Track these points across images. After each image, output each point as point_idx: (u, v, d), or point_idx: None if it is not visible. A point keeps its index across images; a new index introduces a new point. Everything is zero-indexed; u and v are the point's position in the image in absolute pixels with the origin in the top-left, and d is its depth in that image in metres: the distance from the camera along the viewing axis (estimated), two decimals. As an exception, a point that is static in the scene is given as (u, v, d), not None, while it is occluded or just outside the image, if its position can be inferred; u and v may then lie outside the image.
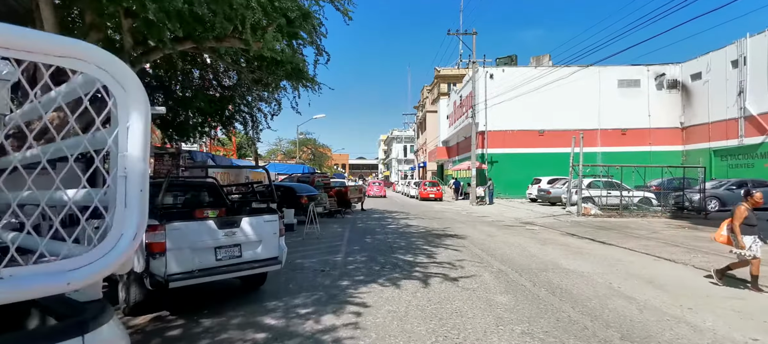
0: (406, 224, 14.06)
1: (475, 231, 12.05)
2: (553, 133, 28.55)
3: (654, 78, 27.63)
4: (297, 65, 10.85)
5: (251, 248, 4.97)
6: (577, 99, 27.90)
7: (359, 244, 9.67)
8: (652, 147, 26.92)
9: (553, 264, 7.49)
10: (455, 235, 11.12)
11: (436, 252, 8.62)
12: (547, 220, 15.23)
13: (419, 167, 57.78)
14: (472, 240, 10.25)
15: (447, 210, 20.91)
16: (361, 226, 13.52)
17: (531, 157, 28.47)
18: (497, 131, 28.84)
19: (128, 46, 6.45)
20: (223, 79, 12.46)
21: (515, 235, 11.31)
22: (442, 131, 42.77)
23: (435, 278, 6.35)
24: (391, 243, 9.83)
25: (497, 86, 27.85)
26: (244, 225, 4.89)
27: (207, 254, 4.55)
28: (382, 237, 10.73)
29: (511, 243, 9.79)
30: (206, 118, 13.47)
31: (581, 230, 12.33)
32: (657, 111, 27.42)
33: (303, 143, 55.87)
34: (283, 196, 14.60)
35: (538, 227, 13.34)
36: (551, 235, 11.36)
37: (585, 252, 8.74)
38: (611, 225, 13.62)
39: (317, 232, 11.17)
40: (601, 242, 10.08)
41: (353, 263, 7.54)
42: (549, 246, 9.39)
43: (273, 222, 5.20)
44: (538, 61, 30.18)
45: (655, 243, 9.73)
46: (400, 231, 11.97)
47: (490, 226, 13.52)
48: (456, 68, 53.81)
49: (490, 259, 7.88)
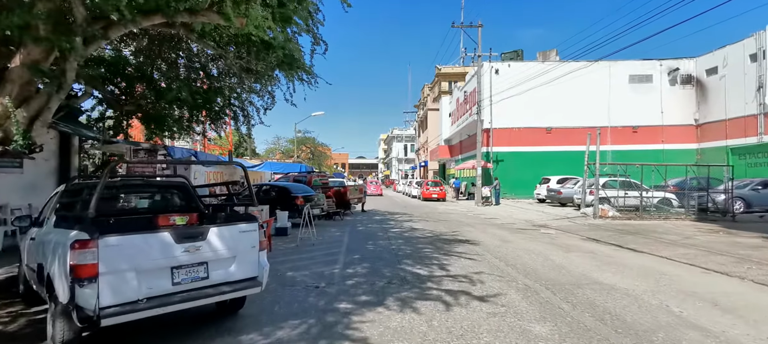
0: (411, 227, 12.96)
1: (486, 236, 10.95)
2: (561, 130, 27.47)
3: (667, 73, 26.53)
4: (291, 52, 9.75)
5: (222, 266, 3.86)
6: (586, 95, 26.82)
7: (360, 252, 8.57)
8: (665, 145, 25.82)
9: (587, 277, 6.39)
10: (467, 241, 10.02)
11: (448, 262, 7.52)
12: (562, 223, 14.13)
13: (420, 166, 56.68)
14: (486, 247, 9.15)
15: (452, 211, 19.80)
16: (362, 230, 12.42)
17: (538, 156, 27.40)
18: (503, 128, 27.74)
19: (81, 19, 5.34)
20: (211, 68, 11.35)
21: (532, 241, 10.22)
22: (445, 129, 41.67)
23: (452, 298, 5.24)
24: (396, 250, 8.72)
25: (503, 82, 26.77)
26: (212, 237, 3.78)
27: (159, 277, 3.45)
28: (386, 244, 9.63)
29: (530, 251, 8.69)
30: (192, 111, 12.38)
31: (603, 234, 11.23)
32: (670, 107, 26.32)
33: (302, 142, 54.76)
34: (276, 197, 13.51)
35: (554, 231, 12.24)
36: (572, 241, 10.27)
37: (617, 262, 7.64)
38: (634, 228, 12.51)
39: (313, 238, 10.07)
40: (630, 249, 8.98)
41: (353, 276, 6.44)
42: (574, 254, 8.30)
43: (251, 233, 4.09)
44: (544, 56, 29.06)
45: (695, 251, 8.62)
46: (405, 236, 10.86)
47: (501, 230, 12.42)
48: (457, 66, 52.75)
49: (512, 271, 6.77)
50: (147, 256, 3.35)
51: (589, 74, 26.15)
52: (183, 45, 10.52)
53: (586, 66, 25.47)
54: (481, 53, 23.78)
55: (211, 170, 20.05)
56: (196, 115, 12.44)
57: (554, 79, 25.64)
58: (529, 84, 25.86)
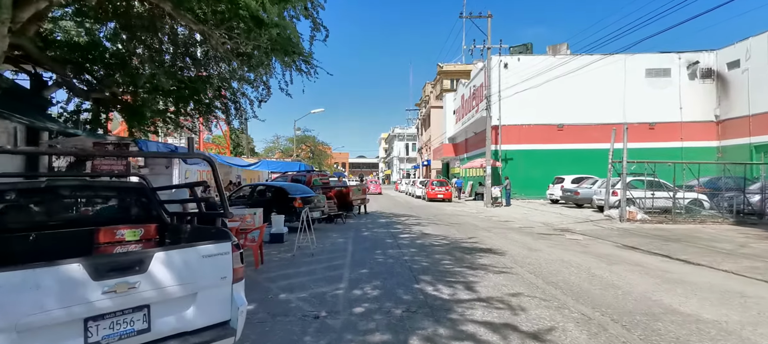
0: (421, 232, 11.66)
1: (508, 243, 9.66)
2: (573, 127, 26.17)
3: (686, 66, 25.19)
4: (287, 33, 8.46)
5: (173, 310, 2.57)
6: (600, 90, 25.51)
7: (368, 264, 7.28)
8: (684, 142, 24.50)
9: (655, 302, 5.10)
10: (489, 250, 8.72)
11: (475, 279, 6.23)
12: (586, 227, 12.84)
13: (423, 165, 55.37)
14: (514, 258, 7.85)
15: (461, 212, 18.51)
16: (367, 235, 11.13)
17: (549, 154, 26.11)
18: (512, 125, 26.42)
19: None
20: (196, 52, 10.07)
21: (562, 249, 8.93)
22: (449, 127, 40.38)
23: (497, 337, 3.96)
24: (410, 262, 7.43)
25: (512, 77, 25.45)
26: (156, 267, 2.49)
27: (62, 337, 2.16)
28: (396, 253, 8.33)
29: (566, 263, 7.40)
30: (178, 103, 11.09)
31: (640, 241, 9.94)
32: (689, 103, 25.00)
33: (301, 141, 53.47)
34: (272, 198, 12.23)
35: (580, 236, 10.95)
36: (607, 249, 8.98)
37: (678, 278, 6.35)
38: (672, 233, 11.22)
39: (312, 246, 8.78)
40: (683, 261, 7.69)
41: (362, 300, 5.15)
42: (621, 268, 7.01)
43: (220, 259, 2.80)
44: (555, 51, 27.73)
45: (764, 264, 7.33)
46: (418, 244, 9.57)
47: (521, 235, 11.13)
48: (459, 64, 51.46)
49: (556, 292, 5.49)
50: (37, 304, 2.06)
51: (603, 68, 24.81)
52: (166, 26, 9.20)
53: (600, 59, 24.14)
54: (491, 46, 22.45)
55: (204, 168, 18.77)
56: (182, 108, 11.18)
57: (566, 72, 24.31)
58: (540, 79, 24.54)
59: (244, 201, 12.47)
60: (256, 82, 12.17)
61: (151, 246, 3.72)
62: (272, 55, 9.75)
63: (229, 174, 21.44)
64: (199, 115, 11.98)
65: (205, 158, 3.10)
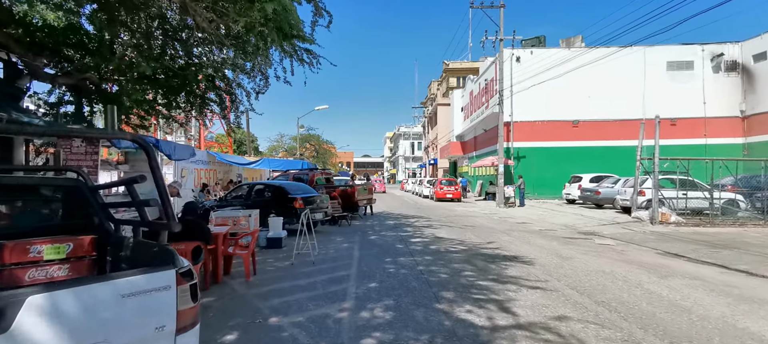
0: (434, 235, 10.60)
1: (533, 249, 8.57)
2: (588, 124, 24.95)
3: (710, 59, 23.87)
4: (283, 7, 7.43)
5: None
6: (618, 85, 24.28)
7: (377, 276, 6.23)
8: (708, 139, 23.18)
9: (742, 331, 4.02)
10: (514, 258, 7.64)
11: (505, 295, 5.16)
12: (615, 230, 11.71)
13: (429, 164, 54.25)
14: (546, 268, 6.77)
15: (473, 213, 17.41)
16: (375, 239, 10.09)
17: (563, 152, 24.93)
18: (524, 122, 25.26)
19: None
20: (182, 34, 9.07)
21: (596, 256, 7.84)
22: (456, 125, 39.24)
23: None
24: (426, 273, 6.37)
25: (524, 71, 24.30)
26: (27, 321, 1.45)
27: None
28: (409, 262, 7.28)
29: (610, 275, 6.31)
30: (168, 94, 10.12)
31: (683, 248, 8.81)
32: (713, 97, 23.68)
33: (306, 139, 52.58)
34: (271, 199, 11.23)
35: (611, 240, 9.84)
36: (649, 257, 7.87)
37: (750, 296, 5.25)
38: (715, 238, 10.07)
39: (313, 253, 7.75)
40: (744, 272, 6.58)
41: (372, 327, 4.11)
42: (677, 283, 5.91)
43: (156, 296, 1.76)
44: (568, 43, 26.51)
45: None
46: (432, 250, 8.50)
47: (545, 239, 10.04)
48: (466, 62, 50.27)
49: (612, 316, 4.41)
50: None
51: (621, 61, 23.60)
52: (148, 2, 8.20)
53: (618, 52, 22.93)
54: (503, 37, 21.25)
55: (201, 167, 17.86)
56: (172, 99, 10.21)
57: (581, 65, 23.13)
58: (553, 72, 23.39)
59: (242, 201, 11.48)
60: (252, 72, 11.20)
61: (85, 266, 2.70)
62: (268, 39, 8.76)
63: (229, 173, 20.48)
64: (191, 108, 11.01)
65: (137, 140, 2.08)
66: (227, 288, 5.60)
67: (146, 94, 9.39)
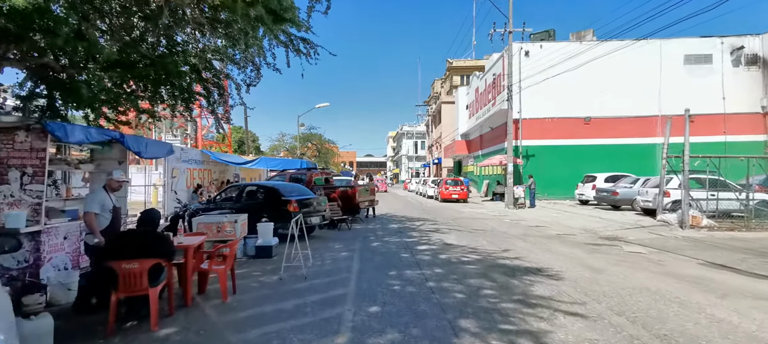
0: (442, 242, 9.58)
1: (557, 259, 7.53)
2: (601, 120, 23.85)
3: (729, 52, 22.68)
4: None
5: None
6: (632, 80, 23.16)
7: (379, 296, 5.22)
8: (727, 136, 22.00)
9: None
10: (539, 271, 6.60)
11: (539, 325, 4.14)
12: (641, 234, 10.66)
13: (433, 163, 53.19)
14: (579, 285, 5.74)
15: (481, 215, 16.37)
16: (377, 247, 9.07)
17: (574, 150, 23.84)
18: (533, 119, 24.18)
19: None
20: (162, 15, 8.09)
21: (631, 267, 6.80)
22: (461, 123, 38.15)
23: None
24: (438, 292, 5.35)
25: (533, 65, 23.21)
26: None
27: None
28: (417, 276, 6.26)
29: (658, 295, 5.27)
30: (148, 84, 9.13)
31: (729, 257, 7.75)
32: (733, 92, 22.49)
33: (307, 138, 51.64)
34: (263, 201, 10.26)
35: (641, 247, 8.80)
36: (693, 269, 6.83)
37: None
38: (757, 245, 9.00)
39: (307, 265, 6.75)
40: (818, 289, 5.52)
41: (372, 378, 3.10)
42: (740, 304, 4.87)
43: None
44: (579, 37, 25.38)
45: None
46: (442, 260, 7.48)
47: (566, 245, 9.00)
48: (469, 59, 49.20)
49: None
50: None
51: (636, 55, 22.47)
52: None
53: (631, 45, 21.80)
54: (512, 29, 20.16)
55: (195, 167, 16.93)
56: (155, 92, 9.22)
57: (593, 59, 22.01)
58: (564, 67, 22.26)
59: (232, 203, 10.50)
60: (243, 63, 10.22)
61: None
62: (255, 22, 7.78)
63: (225, 173, 19.52)
64: (176, 101, 10.02)
65: None
66: (197, 314, 4.61)
67: (123, 85, 8.41)
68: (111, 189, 4.81)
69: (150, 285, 4.06)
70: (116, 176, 4.79)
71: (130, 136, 6.78)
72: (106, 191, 4.79)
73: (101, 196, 4.80)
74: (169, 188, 13.83)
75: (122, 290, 4.01)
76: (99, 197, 4.79)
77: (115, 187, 4.83)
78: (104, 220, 4.86)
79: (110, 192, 4.80)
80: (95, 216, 4.73)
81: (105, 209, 4.83)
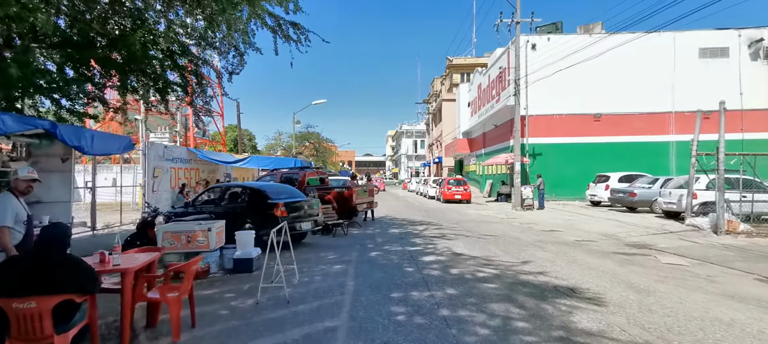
0: (450, 251, 8.40)
1: (586, 273, 6.38)
2: (612, 117, 22.73)
3: (747, 45, 21.58)
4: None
5: None
6: (644, 74, 22.04)
7: (379, 330, 4.06)
8: (746, 134, 20.88)
9: None
10: (572, 291, 5.43)
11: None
12: (672, 242, 9.52)
13: (433, 163, 52.02)
14: (627, 312, 4.58)
15: (487, 218, 15.20)
16: (376, 257, 7.89)
17: (584, 148, 22.73)
18: (540, 115, 23.05)
19: None
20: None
21: (683, 288, 5.65)
22: (463, 121, 36.99)
23: None
24: (454, 326, 4.18)
25: (540, 60, 22.06)
26: None
27: None
28: (426, 299, 5.09)
29: (735, 327, 4.13)
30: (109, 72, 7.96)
31: (788, 270, 6.60)
32: (751, 88, 21.39)
33: (305, 137, 50.41)
34: (247, 204, 9.08)
35: (677, 257, 7.66)
36: (756, 287, 5.70)
37: None
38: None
39: (291, 281, 5.57)
40: None
41: None
42: None
43: None
44: (587, 30, 24.23)
45: None
46: (453, 275, 6.32)
47: (592, 255, 7.84)
48: (470, 57, 48.07)
49: None
50: None
51: (648, 47, 21.37)
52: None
53: (643, 37, 20.68)
54: (520, 20, 19.00)
55: (180, 165, 15.74)
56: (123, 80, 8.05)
57: (604, 51, 20.86)
58: (572, 60, 21.12)
59: (213, 206, 9.31)
60: (222, 47, 9.04)
61: None
62: None
63: (215, 172, 18.30)
64: (146, 90, 8.85)
65: None
66: (134, 362, 3.44)
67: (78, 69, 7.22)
68: (18, 191, 3.64)
69: (57, 330, 2.89)
70: (22, 175, 3.63)
71: (67, 127, 5.57)
72: (16, 196, 3.62)
73: (12, 204, 3.63)
74: (149, 189, 12.66)
75: (16, 338, 2.84)
76: (10, 205, 3.62)
77: (23, 189, 3.66)
78: (18, 235, 3.70)
79: (20, 197, 3.63)
80: (8, 231, 3.58)
81: (18, 221, 3.67)
